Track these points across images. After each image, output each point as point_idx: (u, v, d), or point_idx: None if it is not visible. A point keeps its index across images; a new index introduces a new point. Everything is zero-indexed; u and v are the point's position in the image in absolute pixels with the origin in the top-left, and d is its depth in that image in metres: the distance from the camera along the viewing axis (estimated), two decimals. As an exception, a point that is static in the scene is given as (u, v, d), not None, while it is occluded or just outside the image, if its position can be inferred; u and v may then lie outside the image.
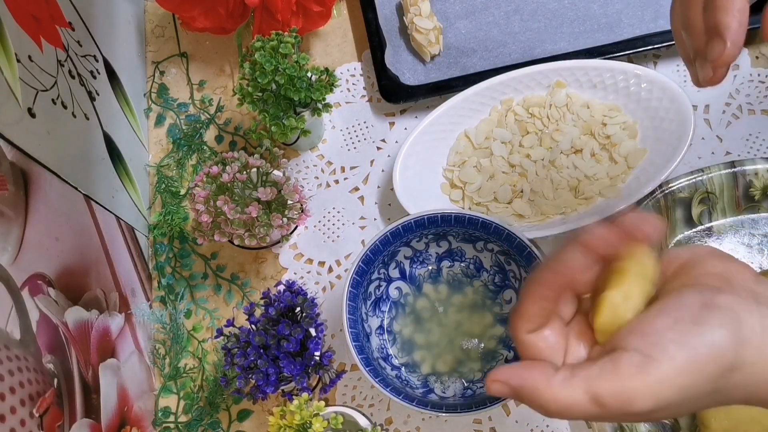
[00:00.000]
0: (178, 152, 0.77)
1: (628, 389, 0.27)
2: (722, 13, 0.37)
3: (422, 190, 0.68)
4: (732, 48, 0.38)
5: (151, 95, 0.80)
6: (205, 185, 0.63)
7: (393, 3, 0.78)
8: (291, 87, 0.63)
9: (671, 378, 0.27)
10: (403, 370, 0.62)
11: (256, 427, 0.66)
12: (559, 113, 0.69)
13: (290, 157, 0.75)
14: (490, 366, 0.61)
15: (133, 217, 0.71)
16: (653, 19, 0.73)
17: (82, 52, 0.66)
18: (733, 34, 0.37)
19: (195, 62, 0.81)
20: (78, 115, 0.62)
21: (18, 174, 0.50)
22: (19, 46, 0.52)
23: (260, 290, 0.70)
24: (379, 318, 0.64)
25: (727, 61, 0.38)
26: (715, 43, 0.38)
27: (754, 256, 0.63)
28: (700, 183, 0.63)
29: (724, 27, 0.37)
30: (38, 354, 0.49)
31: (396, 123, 0.75)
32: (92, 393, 0.56)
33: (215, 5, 0.72)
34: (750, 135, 0.69)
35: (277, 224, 0.62)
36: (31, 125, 0.53)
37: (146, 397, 0.66)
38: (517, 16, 0.75)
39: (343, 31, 0.80)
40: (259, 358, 0.57)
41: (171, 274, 0.72)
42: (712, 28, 0.38)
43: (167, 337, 0.70)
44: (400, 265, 0.65)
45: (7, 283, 0.46)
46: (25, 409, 0.45)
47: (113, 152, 0.69)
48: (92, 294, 0.59)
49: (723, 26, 0.37)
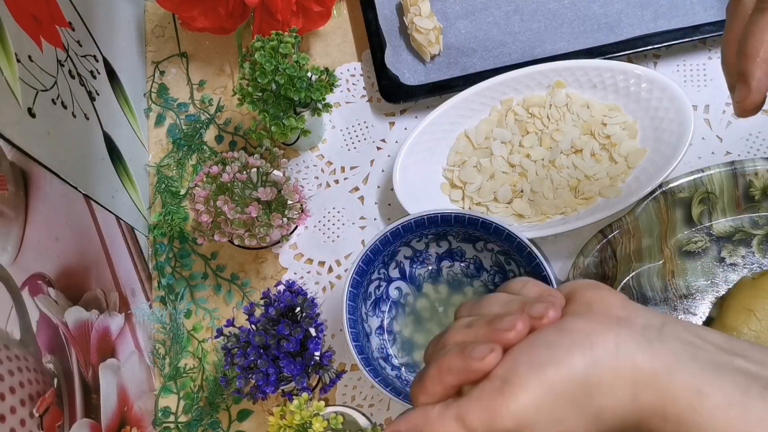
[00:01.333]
0: (178, 152, 0.77)
1: (489, 412, 0.30)
2: (748, 61, 0.39)
3: (422, 190, 0.68)
4: (755, 95, 0.40)
5: (151, 95, 0.80)
6: (205, 185, 0.63)
7: (393, 3, 0.78)
8: (291, 87, 0.63)
9: (525, 399, 0.29)
10: (403, 370, 0.62)
11: (256, 427, 0.66)
12: (559, 113, 0.69)
13: (290, 157, 0.75)
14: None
15: (133, 217, 0.71)
16: (653, 19, 0.73)
17: (82, 52, 0.66)
18: (756, 82, 0.39)
19: (195, 62, 0.81)
20: (78, 115, 0.62)
21: (18, 174, 0.50)
22: (19, 46, 0.52)
23: (260, 290, 0.70)
24: (379, 318, 0.64)
25: (749, 108, 0.40)
26: (740, 87, 0.40)
27: (754, 256, 0.63)
28: (700, 183, 0.63)
29: (748, 74, 0.39)
30: (38, 354, 0.49)
31: (396, 123, 0.75)
32: (92, 393, 0.56)
33: (215, 5, 0.72)
34: (750, 135, 0.69)
35: (277, 224, 0.62)
36: (31, 125, 0.53)
37: (146, 397, 0.66)
38: (517, 16, 0.75)
39: (343, 31, 0.80)
40: (259, 358, 0.57)
41: (171, 274, 0.72)
42: (740, 72, 0.40)
43: (167, 337, 0.70)
44: (400, 265, 0.65)
45: (7, 283, 0.46)
46: (25, 409, 0.45)
47: (113, 152, 0.69)
48: (92, 294, 0.59)
49: (748, 73, 0.39)
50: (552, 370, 0.29)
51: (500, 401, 0.30)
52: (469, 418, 0.30)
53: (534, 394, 0.29)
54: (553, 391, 0.29)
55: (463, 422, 0.30)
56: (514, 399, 0.29)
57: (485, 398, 0.30)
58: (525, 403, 0.29)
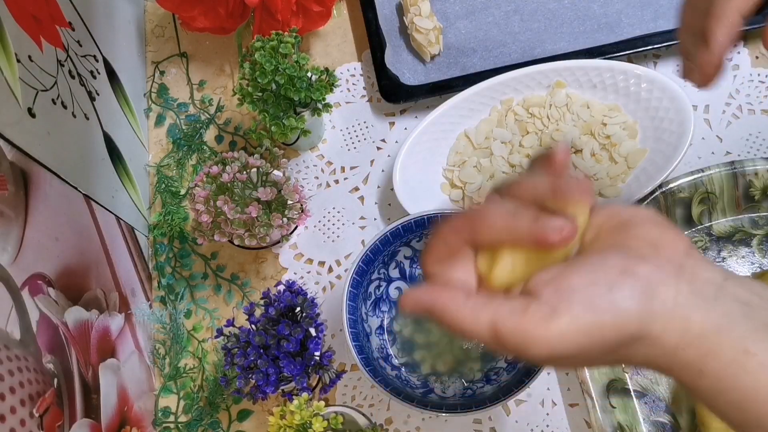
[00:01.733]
0: (178, 152, 0.77)
1: (527, 335, 0.28)
2: (713, 20, 0.38)
3: (422, 190, 0.68)
4: (716, 57, 0.39)
5: (151, 95, 0.80)
6: (205, 185, 0.63)
7: (393, 3, 0.78)
8: (291, 87, 0.63)
9: (570, 336, 0.28)
10: (403, 370, 0.62)
11: (256, 427, 0.66)
12: (559, 113, 0.69)
13: (290, 157, 0.75)
14: (490, 366, 0.61)
15: (133, 217, 0.71)
16: (653, 19, 0.73)
17: (82, 52, 0.66)
18: (718, 44, 0.38)
19: (195, 62, 0.81)
20: (78, 115, 0.62)
21: (18, 174, 0.50)
22: (19, 46, 0.52)
23: (260, 290, 0.70)
24: (379, 318, 0.64)
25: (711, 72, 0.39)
26: (702, 49, 0.39)
27: (754, 256, 0.63)
28: (700, 183, 0.63)
29: (711, 34, 0.39)
30: (38, 354, 0.49)
31: (396, 123, 0.75)
32: (92, 393, 0.56)
33: (215, 5, 0.72)
34: (750, 135, 0.69)
35: (277, 224, 0.62)
36: (31, 125, 0.53)
37: (146, 397, 0.66)
38: (517, 16, 0.75)
39: (343, 31, 0.80)
40: (259, 358, 0.57)
41: (171, 274, 0.72)
42: (703, 33, 0.39)
43: (167, 337, 0.70)
44: (400, 265, 0.65)
45: (7, 283, 0.46)
46: (25, 409, 0.45)
47: (113, 152, 0.69)
48: (92, 294, 0.59)
49: (710, 33, 0.39)
50: (608, 317, 0.28)
51: (543, 329, 0.28)
52: (505, 330, 0.28)
53: (581, 334, 0.28)
54: (602, 335, 0.28)
55: (496, 332, 0.29)
56: (559, 333, 0.28)
57: (528, 320, 0.28)
58: (569, 339, 0.28)
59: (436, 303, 0.31)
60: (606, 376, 0.60)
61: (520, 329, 0.28)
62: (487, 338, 0.29)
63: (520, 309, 0.29)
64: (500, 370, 0.61)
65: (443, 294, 0.31)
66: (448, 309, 0.30)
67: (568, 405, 0.63)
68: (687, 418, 0.59)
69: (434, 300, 0.31)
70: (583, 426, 0.62)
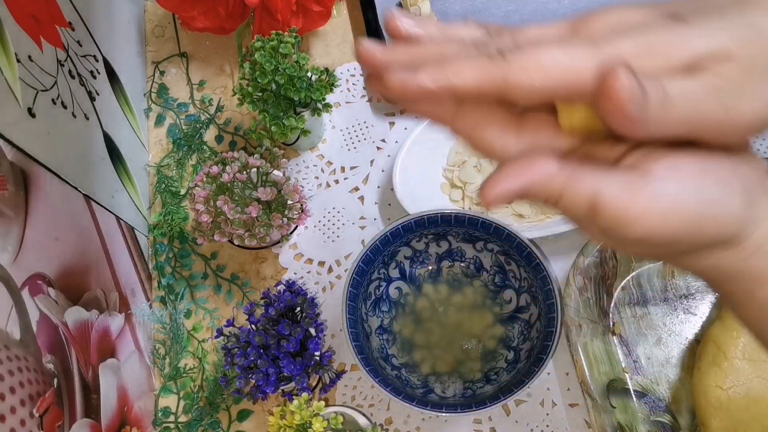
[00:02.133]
0: (178, 152, 0.77)
1: (630, 212, 0.25)
2: None
3: (422, 190, 0.68)
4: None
5: (151, 95, 0.80)
6: (205, 185, 0.63)
7: (393, 3, 0.78)
8: (291, 87, 0.63)
9: (673, 221, 0.25)
10: (403, 370, 0.62)
11: (256, 427, 0.66)
12: (559, 113, 0.69)
13: (290, 157, 0.75)
14: (490, 366, 0.61)
15: (133, 217, 0.71)
16: (653, 19, 0.73)
17: (82, 52, 0.66)
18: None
19: (195, 62, 0.81)
20: (78, 115, 0.62)
21: (18, 174, 0.50)
22: (19, 46, 0.52)
23: (260, 290, 0.70)
24: (379, 318, 0.64)
25: None
26: None
27: (754, 256, 0.63)
28: (700, 183, 0.63)
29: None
30: (38, 354, 0.49)
31: (396, 123, 0.75)
32: (92, 393, 0.56)
33: (215, 5, 0.72)
34: (750, 135, 0.69)
35: (277, 224, 0.62)
36: (31, 125, 0.53)
37: (146, 397, 0.66)
38: (517, 16, 0.76)
39: (343, 31, 0.80)
40: (259, 358, 0.57)
41: (171, 274, 0.72)
42: None
43: (167, 337, 0.70)
44: (400, 265, 0.65)
45: (7, 283, 0.46)
46: (25, 409, 0.45)
47: (113, 152, 0.69)
48: (92, 294, 0.59)
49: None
50: (714, 210, 0.26)
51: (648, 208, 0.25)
52: (607, 206, 0.25)
53: (684, 222, 0.25)
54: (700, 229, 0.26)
55: (594, 206, 0.25)
56: (662, 214, 0.25)
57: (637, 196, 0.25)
58: (670, 224, 0.25)
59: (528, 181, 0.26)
60: (606, 376, 0.60)
61: (624, 206, 0.25)
62: (582, 213, 0.26)
63: (626, 183, 0.25)
64: (500, 370, 0.61)
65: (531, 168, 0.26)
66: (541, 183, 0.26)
67: (568, 405, 0.63)
68: (687, 418, 0.59)
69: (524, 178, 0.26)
70: (583, 426, 0.62)
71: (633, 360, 0.62)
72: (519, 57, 0.24)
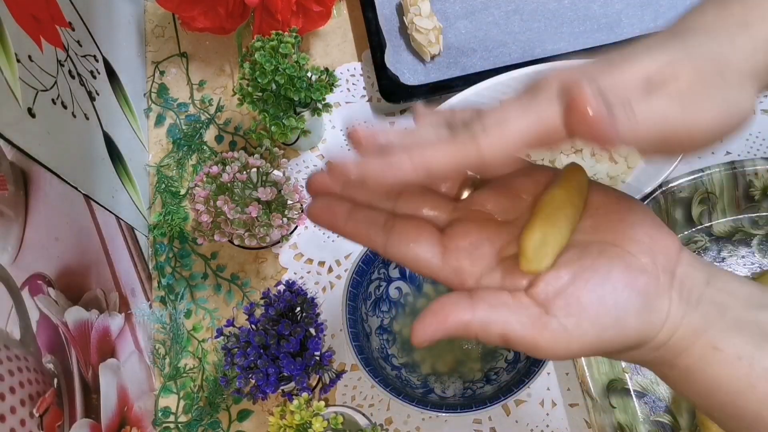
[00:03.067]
0: (178, 152, 0.77)
1: (538, 346, 0.29)
2: None
3: (422, 190, 0.68)
4: None
5: (151, 95, 0.80)
6: (205, 185, 0.63)
7: (393, 3, 0.78)
8: (291, 87, 0.63)
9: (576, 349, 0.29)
10: (403, 370, 0.62)
11: (256, 427, 0.66)
12: (559, 113, 0.69)
13: (290, 157, 0.75)
14: (490, 366, 0.61)
15: (133, 217, 0.71)
16: (653, 19, 0.73)
17: (82, 52, 0.66)
18: None
19: (195, 62, 0.81)
20: (78, 115, 0.62)
21: (18, 174, 0.50)
22: (19, 46, 0.52)
23: (260, 290, 0.70)
24: (379, 318, 0.64)
25: None
26: None
27: (754, 256, 0.63)
28: (700, 183, 0.63)
29: None
30: (38, 354, 0.49)
31: (396, 123, 0.75)
32: (92, 393, 0.56)
33: (215, 5, 0.72)
34: (750, 135, 0.69)
35: (277, 224, 0.62)
36: (31, 125, 0.53)
37: (146, 397, 0.66)
38: (517, 16, 0.75)
39: (343, 31, 0.80)
40: (259, 358, 0.57)
41: (171, 274, 0.72)
42: None
43: (167, 337, 0.70)
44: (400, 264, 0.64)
45: (7, 283, 0.46)
46: (25, 409, 0.45)
47: (113, 152, 0.69)
48: (92, 294, 0.59)
49: None
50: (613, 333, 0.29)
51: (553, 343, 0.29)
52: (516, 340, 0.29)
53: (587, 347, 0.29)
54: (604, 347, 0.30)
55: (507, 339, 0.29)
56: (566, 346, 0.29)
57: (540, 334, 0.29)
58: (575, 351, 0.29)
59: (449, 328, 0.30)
60: (606, 376, 0.60)
61: (530, 341, 0.29)
62: (498, 343, 0.30)
63: (530, 322, 0.29)
64: (500, 370, 0.61)
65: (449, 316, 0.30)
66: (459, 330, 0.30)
67: (568, 405, 0.63)
68: (687, 418, 0.59)
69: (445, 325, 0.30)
70: (583, 426, 0.62)
71: (633, 360, 0.62)
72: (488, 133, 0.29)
